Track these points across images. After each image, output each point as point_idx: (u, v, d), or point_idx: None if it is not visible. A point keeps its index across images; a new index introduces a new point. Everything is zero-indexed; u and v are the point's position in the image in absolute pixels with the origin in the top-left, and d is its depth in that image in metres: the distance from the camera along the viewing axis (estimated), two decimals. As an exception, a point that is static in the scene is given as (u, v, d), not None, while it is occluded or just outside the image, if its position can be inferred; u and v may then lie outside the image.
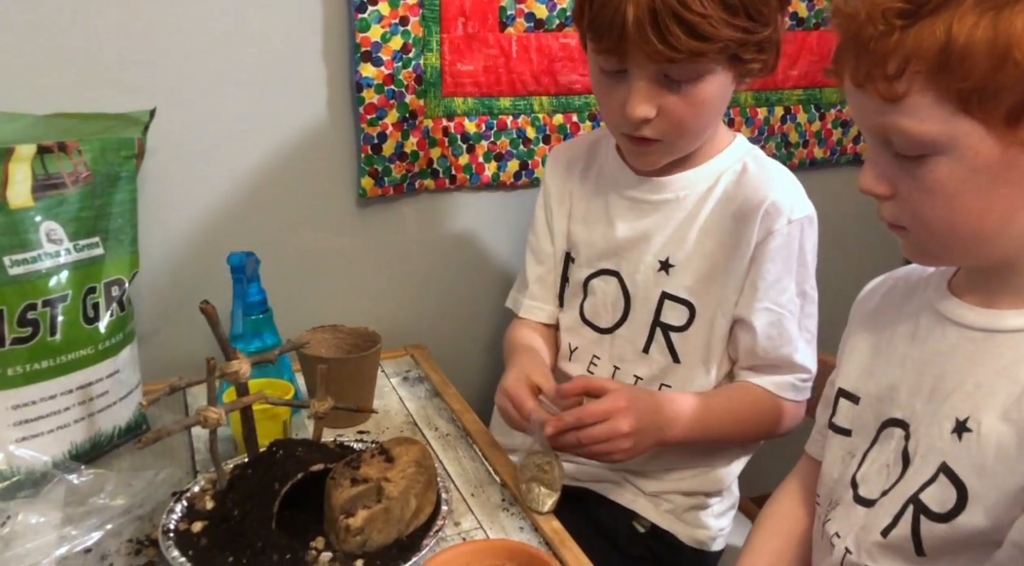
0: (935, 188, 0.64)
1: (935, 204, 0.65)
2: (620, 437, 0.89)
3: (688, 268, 1.01)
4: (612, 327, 1.08)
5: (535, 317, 1.16)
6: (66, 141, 0.94)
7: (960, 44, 0.59)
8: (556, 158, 1.16)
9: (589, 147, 1.14)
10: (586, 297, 1.10)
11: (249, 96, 1.17)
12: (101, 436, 0.96)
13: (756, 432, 1.04)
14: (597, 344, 1.09)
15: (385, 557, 0.78)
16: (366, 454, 0.84)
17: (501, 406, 0.98)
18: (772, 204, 0.96)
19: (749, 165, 1.01)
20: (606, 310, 1.08)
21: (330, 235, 1.27)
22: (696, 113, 0.94)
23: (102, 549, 0.82)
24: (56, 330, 0.91)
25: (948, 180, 0.63)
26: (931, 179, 0.64)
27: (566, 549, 0.84)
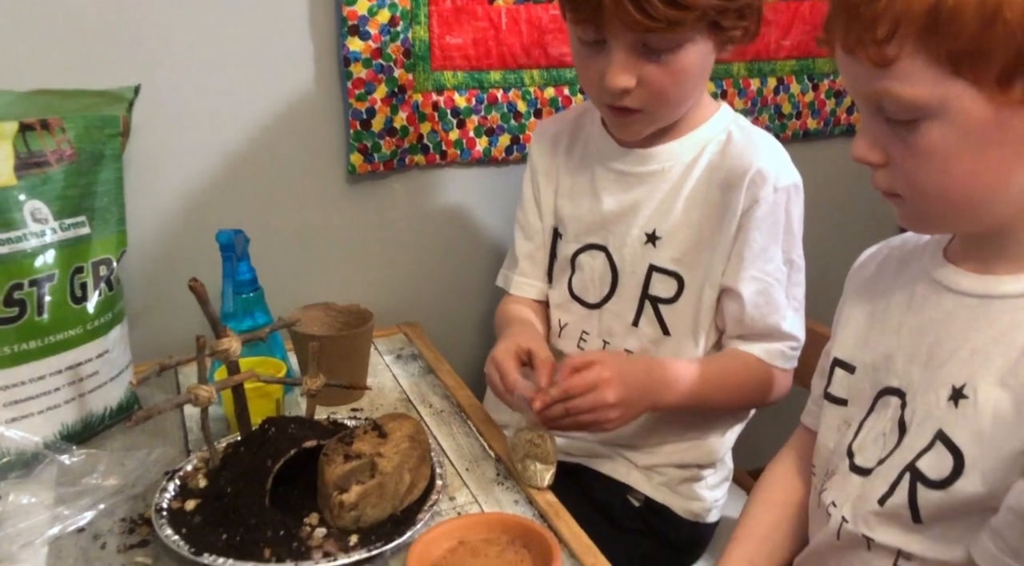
0: (928, 153, 0.63)
1: (929, 169, 0.64)
2: (607, 407, 0.89)
3: (675, 240, 1.01)
4: (600, 302, 1.07)
5: (525, 293, 1.15)
6: (49, 118, 0.93)
7: (949, 4, 0.58)
8: (542, 133, 1.15)
9: (574, 121, 1.13)
10: (574, 272, 1.09)
11: (235, 72, 1.15)
12: (92, 416, 0.96)
13: (748, 399, 1.04)
14: (586, 319, 1.09)
15: (380, 532, 0.78)
16: (359, 430, 0.84)
17: (489, 376, 0.98)
18: (758, 172, 0.95)
19: (734, 134, 1.01)
20: (594, 285, 1.07)
21: (320, 212, 1.26)
22: (677, 82, 0.93)
23: (95, 528, 0.82)
24: (43, 310, 0.90)
25: (941, 144, 0.62)
26: (924, 144, 0.63)
27: (561, 522, 0.84)
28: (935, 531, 0.68)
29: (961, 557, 0.67)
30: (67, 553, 0.79)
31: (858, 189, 1.55)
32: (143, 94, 1.07)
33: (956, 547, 0.67)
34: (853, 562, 0.74)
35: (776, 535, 0.86)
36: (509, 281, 1.17)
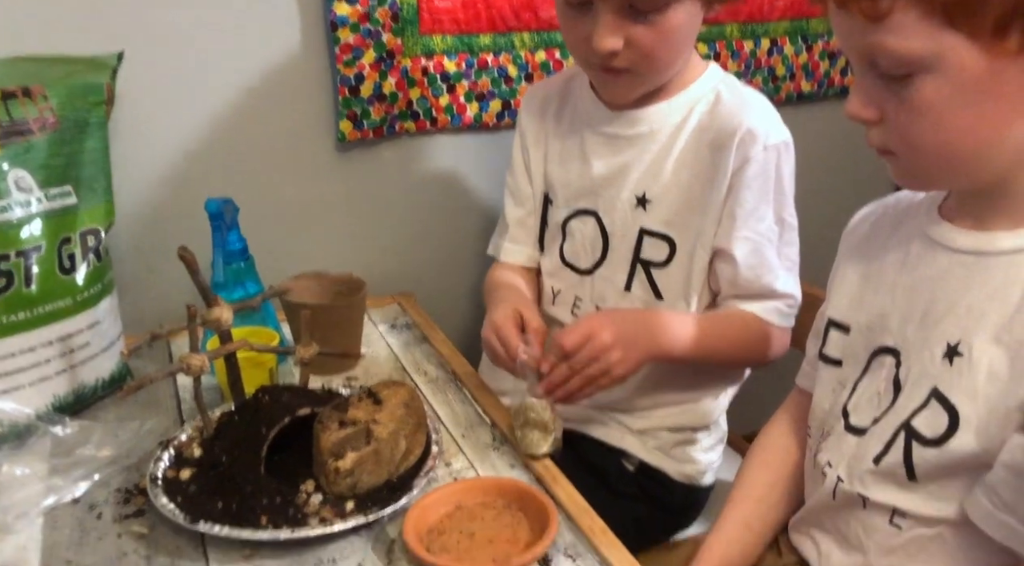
0: (923, 108, 0.62)
1: (924, 125, 0.64)
2: (606, 350, 0.89)
3: (665, 202, 1.00)
4: (592, 268, 1.06)
5: (515, 260, 1.14)
6: (30, 86, 0.91)
7: None
8: (530, 98, 1.14)
9: (563, 84, 1.11)
10: (565, 239, 1.08)
11: (219, 38, 1.13)
12: (84, 388, 0.95)
13: (747, 355, 1.03)
14: (578, 286, 1.08)
15: (376, 498, 0.78)
16: (353, 397, 0.84)
17: (488, 343, 0.97)
18: (747, 131, 0.95)
19: (723, 93, 0.99)
20: (584, 251, 1.07)
21: (310, 180, 1.25)
22: (665, 42, 0.92)
23: (90, 499, 0.82)
24: (32, 281, 0.89)
25: (935, 98, 0.62)
26: (918, 99, 0.62)
27: (557, 485, 0.84)
28: (930, 488, 0.68)
29: (955, 513, 0.67)
30: (63, 523, 0.79)
31: (853, 151, 1.54)
32: (127, 61, 1.05)
33: (951, 504, 0.68)
34: (849, 521, 0.75)
35: (772, 496, 0.86)
36: (499, 248, 1.16)
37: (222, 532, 0.73)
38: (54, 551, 0.75)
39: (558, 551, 0.75)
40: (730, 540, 0.84)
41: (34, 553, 0.75)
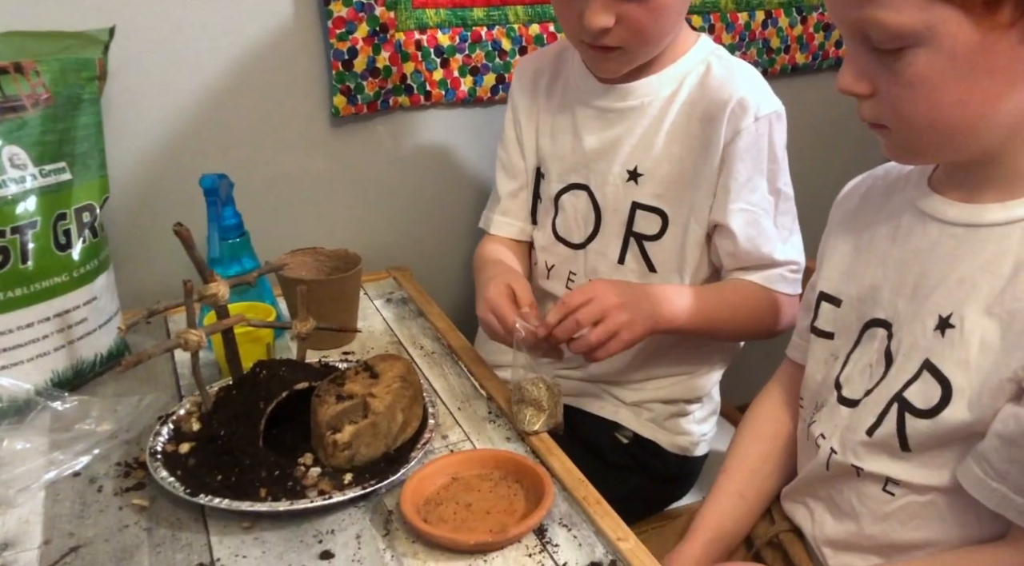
0: (915, 82, 0.63)
1: (915, 98, 0.64)
2: (613, 309, 0.88)
3: (657, 176, 1.00)
4: (584, 242, 1.07)
5: (505, 233, 1.15)
6: (22, 61, 0.90)
7: None
8: (522, 71, 1.13)
9: (555, 58, 1.11)
10: (557, 213, 1.09)
11: (211, 12, 1.12)
12: (83, 363, 0.96)
13: (756, 325, 1.02)
14: (572, 260, 1.08)
15: (374, 470, 0.79)
16: (350, 371, 0.85)
17: (484, 319, 0.98)
18: (738, 102, 0.95)
19: (713, 65, 0.99)
20: (577, 225, 1.07)
21: (305, 156, 1.25)
22: (656, 19, 0.92)
23: (91, 472, 0.83)
24: (28, 257, 0.89)
25: (927, 72, 0.62)
26: (911, 72, 0.62)
27: (553, 457, 0.85)
28: (922, 458, 0.70)
29: (948, 481, 0.69)
30: (64, 496, 0.79)
31: (847, 124, 1.54)
32: (119, 36, 1.04)
33: (943, 472, 0.69)
34: (842, 490, 0.76)
35: (765, 467, 0.87)
36: (490, 221, 1.16)
37: (222, 504, 0.74)
38: (56, 524, 0.76)
39: (554, 521, 0.76)
40: (723, 511, 0.85)
41: (36, 526, 0.76)
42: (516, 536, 0.73)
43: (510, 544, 0.73)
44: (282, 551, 0.73)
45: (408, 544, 0.73)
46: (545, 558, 0.72)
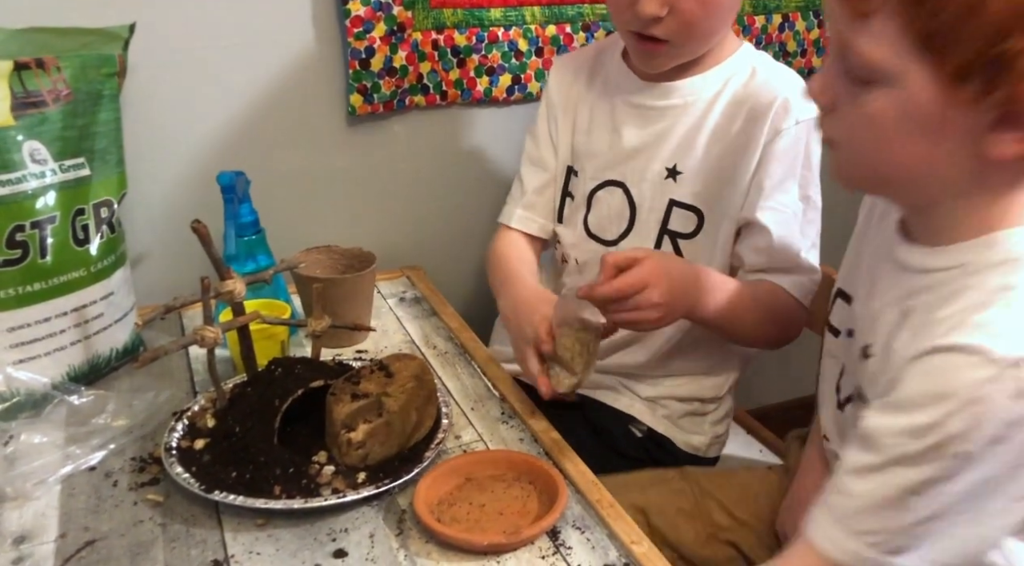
0: (871, 119, 0.62)
1: (865, 132, 0.63)
2: (651, 307, 0.86)
3: (696, 174, 1.00)
4: (618, 238, 1.07)
5: (527, 228, 1.14)
6: (44, 57, 0.91)
7: None
8: (562, 67, 1.13)
9: (595, 56, 1.11)
10: (590, 210, 1.08)
11: (230, 10, 1.13)
12: (99, 358, 0.96)
13: (773, 330, 1.01)
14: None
15: (387, 469, 0.79)
16: (365, 370, 0.85)
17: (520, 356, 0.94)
18: (782, 103, 0.95)
19: (758, 68, 1.00)
20: (610, 221, 1.07)
21: (321, 154, 1.25)
22: (707, 13, 0.92)
23: (106, 467, 0.83)
24: (47, 252, 0.90)
25: (884, 115, 0.61)
26: (870, 108, 0.61)
27: (566, 458, 0.85)
28: None
29: None
30: (80, 491, 0.80)
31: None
32: (139, 33, 1.05)
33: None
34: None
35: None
36: (511, 215, 1.14)
37: (236, 501, 0.75)
38: (72, 518, 0.77)
39: (567, 523, 0.76)
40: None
41: (52, 519, 0.76)
42: (529, 538, 0.73)
43: (523, 546, 0.73)
44: (296, 549, 0.73)
45: (421, 544, 0.74)
46: (558, 560, 0.72)
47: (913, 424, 0.57)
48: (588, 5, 1.30)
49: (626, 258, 0.87)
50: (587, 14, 1.30)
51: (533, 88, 1.31)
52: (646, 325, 0.89)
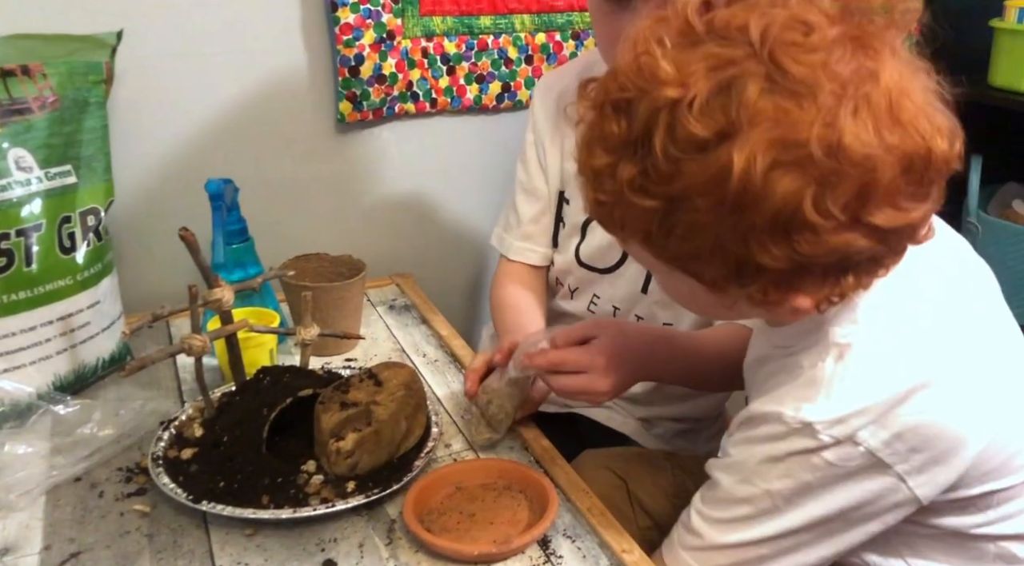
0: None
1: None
2: (596, 394, 0.84)
3: None
4: (612, 267, 1.05)
5: (527, 260, 1.11)
6: (30, 64, 0.90)
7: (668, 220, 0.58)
8: (545, 90, 1.10)
9: (579, 77, 1.07)
10: (583, 239, 1.06)
11: (219, 17, 1.13)
12: (85, 367, 0.95)
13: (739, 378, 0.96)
14: (597, 284, 1.06)
15: (377, 478, 0.79)
16: (354, 378, 0.84)
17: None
18: None
19: None
20: (603, 252, 1.05)
21: (310, 162, 1.25)
22: None
23: (92, 478, 0.82)
24: (32, 260, 0.89)
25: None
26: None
27: (557, 467, 0.84)
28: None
29: None
30: (65, 502, 0.79)
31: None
32: (126, 40, 1.04)
33: None
34: None
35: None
36: (509, 246, 1.12)
37: (224, 511, 0.74)
38: (57, 529, 0.76)
39: (557, 532, 0.76)
40: None
41: (37, 531, 0.75)
42: (520, 547, 0.73)
43: (514, 555, 0.73)
44: (284, 559, 0.72)
45: (411, 553, 0.73)
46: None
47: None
48: (577, 13, 1.30)
49: (581, 334, 0.85)
50: (576, 22, 1.31)
51: (523, 96, 1.31)
52: (591, 402, 0.87)
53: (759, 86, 0.53)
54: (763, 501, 0.65)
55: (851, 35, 0.55)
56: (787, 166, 0.52)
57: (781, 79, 0.53)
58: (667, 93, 0.54)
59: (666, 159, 0.54)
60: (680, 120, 0.53)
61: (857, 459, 0.61)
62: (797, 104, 0.52)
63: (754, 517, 0.66)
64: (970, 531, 0.68)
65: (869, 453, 0.60)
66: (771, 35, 0.54)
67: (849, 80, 0.53)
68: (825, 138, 0.52)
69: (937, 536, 0.68)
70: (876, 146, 0.52)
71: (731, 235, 0.55)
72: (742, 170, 0.52)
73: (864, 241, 0.55)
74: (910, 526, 0.66)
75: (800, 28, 0.54)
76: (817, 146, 0.52)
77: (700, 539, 0.70)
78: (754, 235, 0.54)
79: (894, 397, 0.60)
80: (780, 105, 0.52)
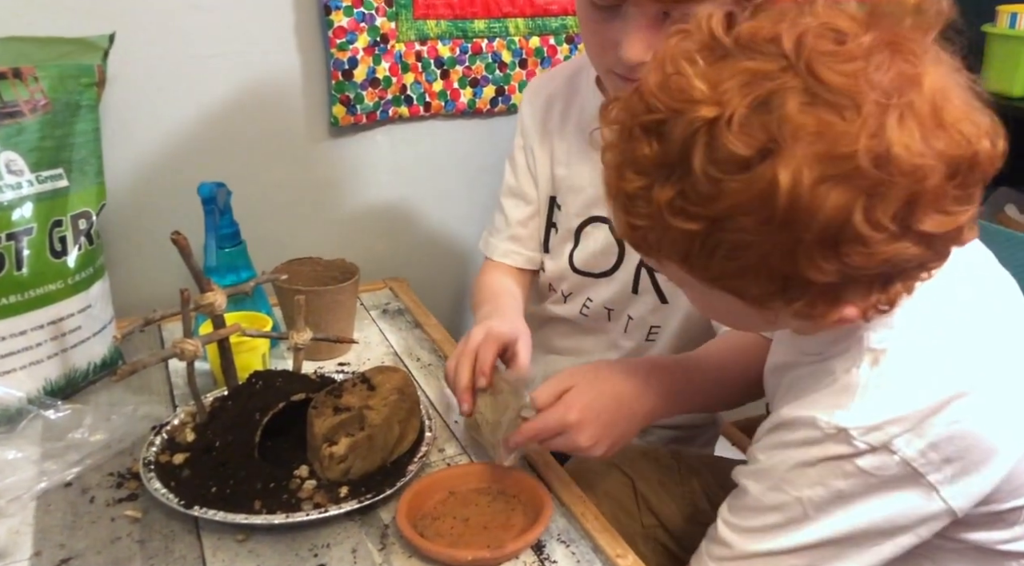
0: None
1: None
2: (583, 450, 0.78)
3: None
4: (606, 272, 1.03)
5: (513, 262, 1.09)
6: (21, 67, 0.90)
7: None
8: (534, 94, 1.08)
9: (568, 80, 1.06)
10: (577, 245, 1.05)
11: (212, 19, 1.12)
12: (76, 372, 0.95)
13: (747, 388, 0.90)
14: (590, 287, 1.05)
15: (370, 483, 0.79)
16: (347, 383, 0.84)
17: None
18: None
19: None
20: (597, 258, 1.03)
21: (303, 165, 1.24)
22: None
23: (83, 483, 0.82)
24: (23, 264, 0.88)
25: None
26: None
27: (551, 471, 0.84)
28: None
29: None
30: (56, 507, 0.78)
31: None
32: (119, 43, 1.04)
33: None
34: None
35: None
36: (495, 248, 1.10)
37: (216, 517, 0.74)
38: (47, 535, 0.75)
39: (551, 537, 0.76)
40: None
41: (27, 537, 0.75)
42: (514, 552, 0.72)
43: (508, 560, 0.72)
44: (277, 564, 0.72)
45: (404, 559, 0.73)
46: (543, 574, 0.71)
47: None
48: (572, 17, 1.30)
49: (557, 390, 0.79)
50: (571, 26, 1.31)
51: (517, 99, 1.31)
52: (583, 454, 0.80)
53: (799, 99, 0.51)
54: (793, 509, 0.63)
55: (887, 40, 0.53)
56: (835, 180, 0.51)
57: (821, 91, 0.51)
58: (703, 112, 0.53)
59: (707, 179, 0.53)
60: (719, 139, 0.52)
61: (892, 468, 0.59)
62: (840, 116, 0.51)
63: (784, 525, 0.64)
64: (996, 547, 0.66)
65: (904, 463, 0.59)
66: (805, 45, 0.52)
67: (891, 87, 0.52)
68: (873, 149, 0.51)
69: (961, 550, 0.67)
70: (924, 154, 0.51)
71: (778, 252, 0.54)
72: (789, 186, 0.51)
73: (914, 249, 0.54)
74: (936, 538, 0.64)
75: (833, 36, 0.53)
76: (865, 158, 0.51)
77: (728, 549, 0.67)
78: (802, 251, 0.53)
79: (931, 405, 0.59)
80: (822, 118, 0.51)
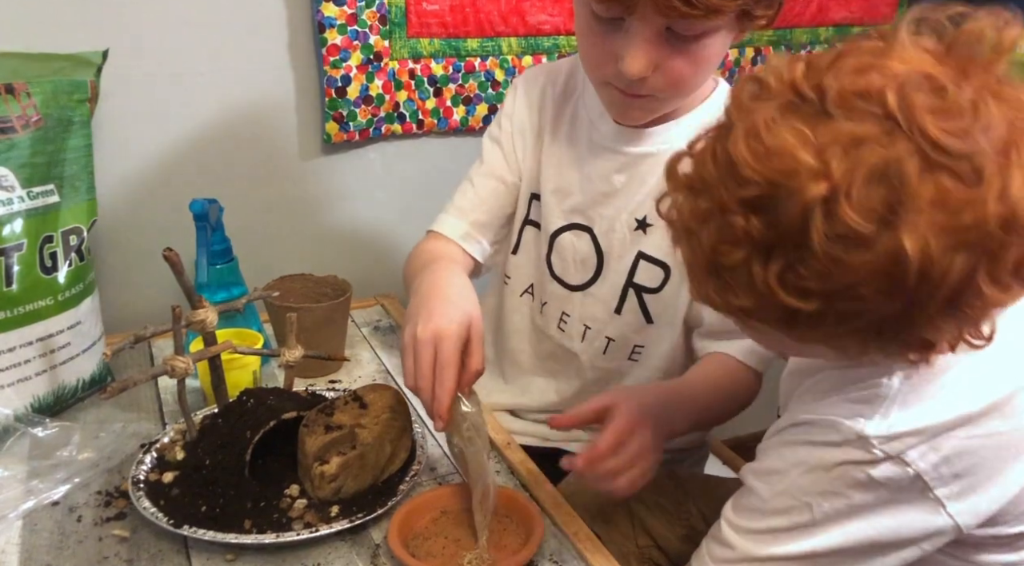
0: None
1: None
2: (640, 455, 0.80)
3: (667, 229, 0.96)
4: (583, 285, 1.01)
5: (468, 248, 1.02)
6: (14, 83, 0.90)
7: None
8: (531, 82, 1.03)
9: (567, 76, 1.03)
10: (552, 251, 1.02)
11: (206, 37, 1.13)
12: (64, 389, 0.94)
13: (733, 409, 0.95)
14: (567, 301, 1.02)
15: (361, 502, 0.78)
16: (339, 401, 0.83)
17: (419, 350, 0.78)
18: None
19: None
20: (575, 267, 1.01)
21: (296, 182, 1.24)
22: (697, 71, 0.85)
23: (70, 501, 0.81)
24: (12, 280, 0.88)
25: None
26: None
27: (543, 491, 0.84)
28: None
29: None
30: (42, 526, 0.78)
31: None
32: (112, 59, 1.04)
33: None
34: None
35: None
36: (451, 225, 1.02)
37: (206, 536, 0.73)
38: (33, 555, 0.74)
39: (543, 557, 0.75)
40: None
41: (13, 556, 0.74)
42: (506, 572, 0.72)
43: (499, 580, 0.72)
44: (266, 585, 0.71)
45: (395, 579, 0.72)
46: (535, 595, 0.71)
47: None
48: (564, 36, 1.31)
49: (596, 409, 0.81)
50: (563, 45, 1.32)
51: (509, 118, 1.31)
52: (635, 481, 0.80)
53: (916, 166, 0.49)
54: (802, 514, 0.62)
55: (986, 86, 0.52)
56: (962, 246, 0.50)
57: (936, 155, 0.49)
58: (815, 189, 0.50)
59: (826, 256, 0.51)
60: (838, 215, 0.50)
61: (903, 480, 0.59)
62: (961, 181, 0.50)
63: (790, 531, 0.63)
64: None
65: (916, 476, 0.59)
66: (908, 104, 0.50)
67: (1008, 142, 0.51)
68: (1001, 215, 0.50)
69: None
70: None
71: (894, 317, 0.53)
72: (918, 257, 0.50)
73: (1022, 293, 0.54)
74: (943, 557, 0.64)
75: (929, 86, 0.51)
76: (994, 223, 0.50)
77: (731, 550, 0.66)
78: (920, 313, 0.53)
79: (953, 420, 0.59)
80: (942, 185, 0.49)
